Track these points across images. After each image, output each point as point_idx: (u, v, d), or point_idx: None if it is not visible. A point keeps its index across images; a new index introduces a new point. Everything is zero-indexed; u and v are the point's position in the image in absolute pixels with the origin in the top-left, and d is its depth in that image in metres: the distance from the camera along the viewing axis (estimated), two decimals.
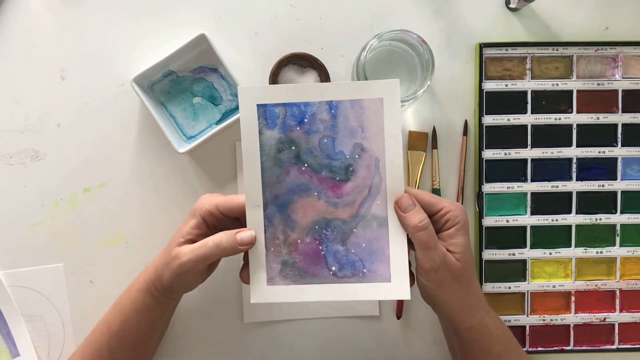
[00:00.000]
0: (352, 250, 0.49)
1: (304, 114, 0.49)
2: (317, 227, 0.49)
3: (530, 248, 0.63)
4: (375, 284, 0.49)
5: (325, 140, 0.49)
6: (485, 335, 0.51)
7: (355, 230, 0.49)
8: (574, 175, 0.63)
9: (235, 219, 0.52)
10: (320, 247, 0.49)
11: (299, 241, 0.50)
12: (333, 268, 0.49)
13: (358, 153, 0.49)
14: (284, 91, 0.49)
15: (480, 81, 0.61)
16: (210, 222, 0.51)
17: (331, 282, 0.49)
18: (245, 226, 0.50)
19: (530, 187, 0.62)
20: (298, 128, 0.49)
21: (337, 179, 0.49)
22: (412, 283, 0.50)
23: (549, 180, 0.62)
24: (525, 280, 0.63)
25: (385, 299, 0.49)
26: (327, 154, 0.49)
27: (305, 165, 0.49)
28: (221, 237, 0.48)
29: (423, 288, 0.50)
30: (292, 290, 0.49)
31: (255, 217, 0.49)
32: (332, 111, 0.49)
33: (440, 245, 0.48)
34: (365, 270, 0.49)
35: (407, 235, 0.49)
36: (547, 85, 0.62)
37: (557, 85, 0.62)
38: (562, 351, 0.63)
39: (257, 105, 0.49)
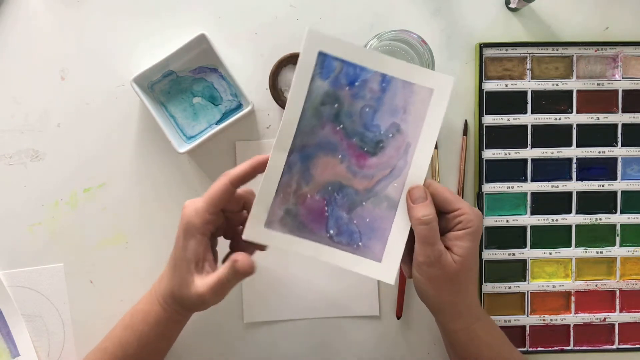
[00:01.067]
0: (355, 221, 0.49)
1: (357, 77, 0.49)
2: (329, 188, 0.49)
3: (530, 248, 0.63)
4: (366, 260, 0.49)
5: (367, 109, 0.49)
6: (473, 341, 0.51)
7: (364, 203, 0.50)
8: (574, 175, 0.63)
9: (229, 211, 0.51)
10: (327, 208, 0.49)
11: (308, 195, 0.49)
12: (331, 231, 0.49)
13: (393, 132, 0.49)
14: (348, 48, 0.48)
15: (480, 81, 0.61)
16: (208, 231, 0.49)
17: (325, 243, 0.49)
18: (243, 209, 0.50)
19: (530, 187, 0.62)
20: (347, 88, 0.49)
21: (365, 149, 0.49)
22: (409, 275, 0.51)
23: (549, 180, 0.62)
24: (525, 280, 0.63)
25: (370, 277, 0.49)
26: (364, 123, 0.49)
27: (341, 126, 0.49)
28: (242, 267, 0.47)
29: (414, 280, 0.50)
30: (286, 239, 0.49)
31: (278, 160, 0.49)
32: (383, 84, 0.49)
33: (439, 243, 0.48)
34: (360, 244, 0.49)
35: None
36: (547, 85, 0.62)
37: (557, 85, 0.62)
38: (562, 351, 0.63)
39: (319, 52, 0.48)
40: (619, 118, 0.62)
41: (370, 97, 0.49)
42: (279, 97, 0.60)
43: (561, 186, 0.63)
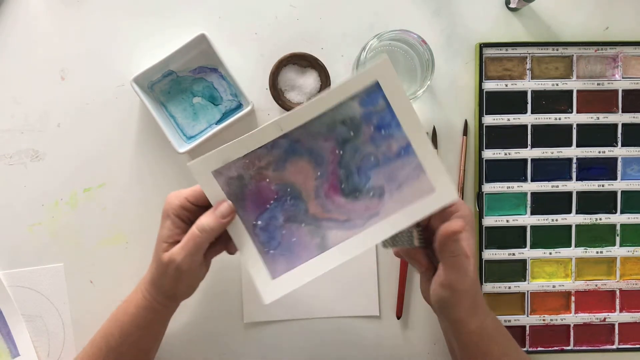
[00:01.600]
0: (284, 232, 0.49)
1: (387, 127, 0.48)
2: (288, 189, 0.49)
3: (530, 248, 0.63)
4: (263, 268, 0.49)
5: (372, 158, 0.48)
6: (484, 339, 0.51)
7: (303, 225, 0.49)
8: (574, 175, 0.63)
9: (206, 208, 0.50)
10: (272, 202, 0.49)
11: (267, 180, 0.49)
12: (259, 222, 0.49)
13: (374, 193, 0.49)
14: (402, 101, 0.47)
15: (480, 81, 0.61)
16: (185, 217, 0.49)
17: (246, 227, 0.49)
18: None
19: (530, 187, 0.62)
20: (372, 129, 0.48)
21: (342, 186, 0.49)
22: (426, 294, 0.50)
23: (549, 180, 0.62)
24: (525, 280, 0.63)
25: (253, 282, 0.49)
26: (360, 166, 0.49)
27: (341, 152, 0.48)
28: (202, 221, 0.47)
29: (441, 301, 0.49)
30: (217, 196, 0.48)
31: (268, 133, 0.48)
32: (402, 152, 0.48)
33: (470, 265, 0.47)
34: (272, 252, 0.49)
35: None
36: (547, 85, 0.62)
37: (557, 85, 0.62)
38: (562, 351, 0.63)
39: (377, 82, 0.47)
40: (619, 118, 0.62)
41: (383, 152, 0.48)
42: (278, 97, 0.60)
43: (561, 186, 0.62)
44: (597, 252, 0.63)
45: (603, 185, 0.63)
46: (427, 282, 0.50)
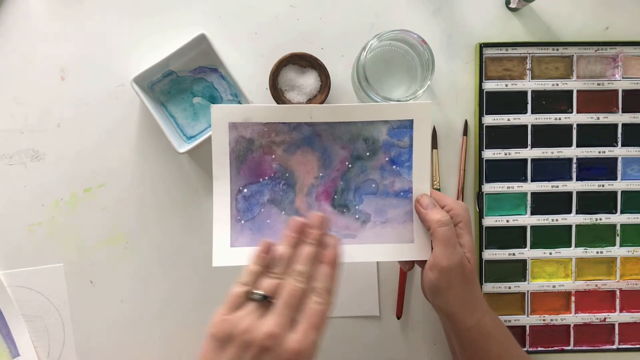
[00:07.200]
0: (262, 210, 0.51)
1: (399, 165, 0.51)
2: (287, 175, 0.50)
3: (530, 248, 0.63)
4: (226, 235, 0.51)
5: (373, 185, 0.51)
6: (484, 336, 0.51)
7: (283, 213, 0.51)
8: (574, 175, 0.63)
9: None
10: (266, 179, 0.51)
11: (273, 157, 0.50)
12: (245, 190, 0.50)
13: (360, 218, 0.51)
14: (424, 148, 0.51)
15: (481, 81, 0.61)
16: None
17: (231, 191, 0.50)
18: None
19: (530, 187, 0.62)
20: (386, 159, 0.51)
21: (334, 196, 0.51)
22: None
23: (549, 180, 0.62)
24: (525, 280, 0.63)
25: (213, 243, 0.51)
26: (358, 187, 0.51)
27: (349, 166, 0.50)
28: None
29: (431, 286, 0.49)
30: (223, 149, 0.50)
31: (300, 113, 0.50)
32: (403, 193, 0.51)
33: (458, 245, 0.48)
34: (242, 222, 0.50)
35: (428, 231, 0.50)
36: (547, 85, 0.62)
37: (557, 85, 0.62)
38: (562, 351, 0.63)
39: (412, 121, 0.50)
40: (619, 118, 0.62)
41: (385, 185, 0.51)
42: (279, 97, 0.60)
43: (561, 186, 0.62)
44: (597, 252, 0.63)
45: (603, 185, 0.63)
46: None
